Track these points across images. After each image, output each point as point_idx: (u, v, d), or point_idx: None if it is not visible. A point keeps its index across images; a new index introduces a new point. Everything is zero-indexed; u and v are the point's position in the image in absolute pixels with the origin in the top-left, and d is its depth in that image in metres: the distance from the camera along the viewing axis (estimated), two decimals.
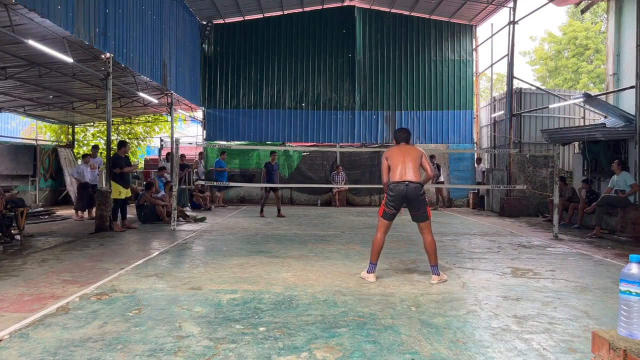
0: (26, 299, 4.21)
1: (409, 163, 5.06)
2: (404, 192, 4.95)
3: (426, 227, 5.06)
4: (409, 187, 4.95)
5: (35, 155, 14.14)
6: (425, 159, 5.20)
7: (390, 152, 5.25)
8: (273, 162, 11.83)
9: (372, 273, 5.05)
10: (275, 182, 11.83)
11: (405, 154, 5.13)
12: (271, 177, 11.72)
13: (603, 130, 10.13)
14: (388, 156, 5.20)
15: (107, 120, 9.38)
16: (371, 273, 5.05)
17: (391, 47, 16.87)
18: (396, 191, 4.98)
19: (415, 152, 5.17)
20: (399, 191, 4.97)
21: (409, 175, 4.99)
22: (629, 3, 10.79)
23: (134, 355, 2.91)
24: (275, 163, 11.93)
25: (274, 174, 11.82)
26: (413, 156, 5.12)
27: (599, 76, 26.94)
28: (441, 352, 3.02)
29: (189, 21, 14.79)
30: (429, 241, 5.02)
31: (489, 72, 17.12)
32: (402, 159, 5.10)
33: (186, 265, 5.77)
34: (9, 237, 7.47)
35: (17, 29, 7.51)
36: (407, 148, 5.23)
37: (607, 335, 2.22)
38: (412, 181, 4.97)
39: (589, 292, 4.68)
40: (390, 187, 5.04)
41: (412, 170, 5.02)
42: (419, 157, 5.14)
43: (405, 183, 4.96)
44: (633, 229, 8.49)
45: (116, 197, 8.91)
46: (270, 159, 11.87)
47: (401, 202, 5.03)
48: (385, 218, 5.11)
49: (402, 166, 5.05)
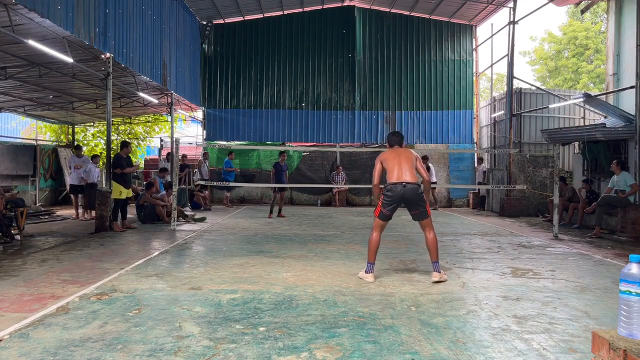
0: (26, 299, 4.21)
1: (404, 164, 5.10)
2: (402, 193, 4.98)
3: (427, 225, 5.10)
4: (407, 187, 4.98)
5: (35, 155, 14.14)
6: (420, 163, 5.24)
7: (384, 155, 5.30)
8: (282, 162, 11.77)
9: (371, 273, 5.06)
10: (283, 182, 11.78)
11: (401, 156, 5.18)
12: (280, 178, 11.67)
13: (603, 130, 10.13)
14: (383, 159, 5.24)
15: (107, 120, 9.39)
16: (369, 273, 5.06)
17: (391, 47, 16.87)
18: (394, 192, 5.01)
19: (409, 155, 5.23)
20: (397, 192, 5.00)
21: (406, 177, 5.02)
22: (629, 3, 10.79)
23: (134, 355, 2.91)
24: (284, 163, 11.88)
25: (283, 174, 11.77)
26: (408, 158, 5.16)
27: (599, 76, 26.95)
28: (441, 352, 3.02)
29: (189, 21, 14.79)
30: (431, 238, 5.06)
31: (489, 72, 17.12)
32: (397, 160, 5.14)
33: (186, 265, 5.77)
34: (9, 237, 7.47)
35: (17, 29, 7.51)
36: (402, 151, 5.30)
37: (607, 335, 2.22)
38: (409, 182, 5.00)
39: (589, 292, 4.68)
40: (388, 188, 5.07)
41: (408, 171, 5.07)
42: (413, 160, 5.19)
43: (402, 184, 4.99)
44: (633, 229, 8.48)
45: (117, 197, 8.91)
46: (280, 159, 11.80)
47: (399, 203, 5.07)
48: (381, 218, 5.14)
49: (399, 168, 5.08)
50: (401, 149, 5.34)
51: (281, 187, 11.77)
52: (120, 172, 9.01)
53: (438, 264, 5.03)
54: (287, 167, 12.21)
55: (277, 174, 11.69)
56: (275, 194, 12.00)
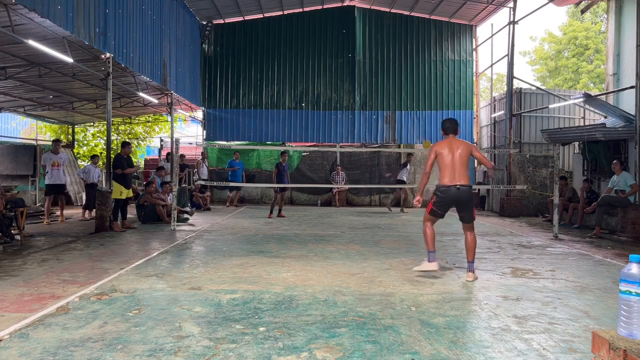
0: (26, 299, 4.21)
1: (458, 162, 5.02)
2: (455, 196, 5.00)
3: (471, 227, 5.16)
4: (461, 190, 4.98)
5: (35, 155, 14.12)
6: (477, 152, 5.23)
7: (439, 147, 5.18)
8: (284, 162, 11.74)
9: (434, 261, 5.06)
10: (285, 183, 11.76)
11: (455, 152, 5.07)
12: (281, 178, 11.65)
13: (603, 130, 10.13)
14: (438, 153, 5.14)
15: (107, 120, 9.38)
16: (432, 261, 5.06)
17: (391, 47, 16.86)
18: (446, 194, 5.01)
19: (464, 149, 5.11)
20: (450, 195, 5.01)
21: (460, 179, 4.99)
22: (629, 3, 10.79)
23: (134, 355, 2.91)
24: (285, 163, 11.85)
25: (285, 174, 11.75)
26: (463, 154, 5.07)
27: (599, 76, 26.95)
28: (441, 352, 3.02)
29: (189, 21, 14.79)
30: (471, 239, 5.11)
31: (489, 72, 17.12)
32: (452, 157, 5.05)
33: (186, 265, 5.77)
34: (9, 237, 7.46)
35: (17, 29, 7.51)
36: (457, 143, 5.16)
37: (607, 335, 2.22)
38: (463, 185, 4.98)
39: (589, 292, 4.68)
40: (441, 190, 5.06)
41: (462, 171, 5.01)
42: (468, 154, 5.10)
43: (456, 187, 4.97)
44: (633, 229, 8.48)
45: (117, 197, 8.91)
46: (281, 159, 11.78)
47: (450, 205, 5.09)
48: (431, 214, 5.19)
49: (452, 168, 5.03)
50: (456, 141, 5.20)
51: (282, 188, 11.77)
52: (121, 173, 9.01)
53: (473, 264, 5.11)
54: (288, 167, 12.20)
55: (279, 175, 11.67)
56: (276, 194, 11.99)
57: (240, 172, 14.91)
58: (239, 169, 14.81)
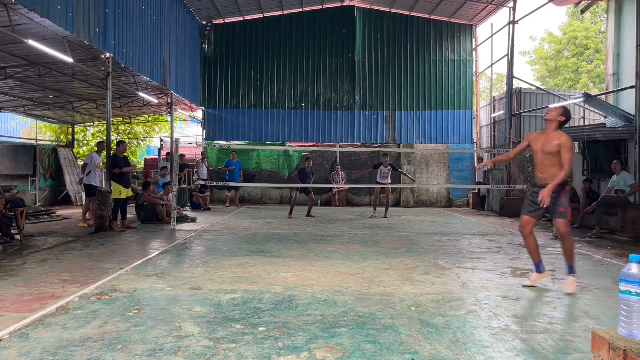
0: (26, 299, 4.21)
1: (547, 161, 4.80)
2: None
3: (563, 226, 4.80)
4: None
5: (35, 155, 14.14)
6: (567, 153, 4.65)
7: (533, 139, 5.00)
8: (308, 169, 11.55)
9: (539, 272, 4.85)
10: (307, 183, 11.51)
11: (544, 148, 4.80)
12: (305, 179, 11.49)
13: (603, 130, 10.12)
14: (532, 145, 4.98)
15: (107, 120, 9.38)
16: (540, 273, 4.85)
17: (391, 47, 16.87)
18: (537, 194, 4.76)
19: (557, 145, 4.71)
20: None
21: (546, 177, 4.78)
22: (629, 3, 10.79)
23: (134, 355, 2.91)
24: (310, 170, 11.60)
25: (308, 180, 11.51)
26: (552, 152, 4.74)
27: (599, 76, 26.96)
28: (441, 352, 3.02)
29: (189, 21, 14.79)
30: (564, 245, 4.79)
31: (489, 72, 17.13)
32: (541, 154, 4.84)
33: (186, 265, 5.77)
34: (9, 237, 7.46)
35: (17, 29, 7.51)
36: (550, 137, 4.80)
37: (607, 335, 2.22)
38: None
39: (589, 292, 4.68)
40: (534, 185, 5.01)
41: (552, 170, 4.75)
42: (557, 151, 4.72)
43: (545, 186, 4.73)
44: (633, 229, 8.48)
45: (116, 197, 8.91)
46: (305, 165, 11.61)
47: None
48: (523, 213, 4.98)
49: (542, 165, 4.86)
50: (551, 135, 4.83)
51: (304, 188, 11.70)
52: (118, 172, 9.01)
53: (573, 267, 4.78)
54: (314, 173, 11.91)
55: (302, 176, 11.55)
56: (296, 193, 11.97)
57: (238, 172, 14.88)
58: (235, 168, 14.79)
